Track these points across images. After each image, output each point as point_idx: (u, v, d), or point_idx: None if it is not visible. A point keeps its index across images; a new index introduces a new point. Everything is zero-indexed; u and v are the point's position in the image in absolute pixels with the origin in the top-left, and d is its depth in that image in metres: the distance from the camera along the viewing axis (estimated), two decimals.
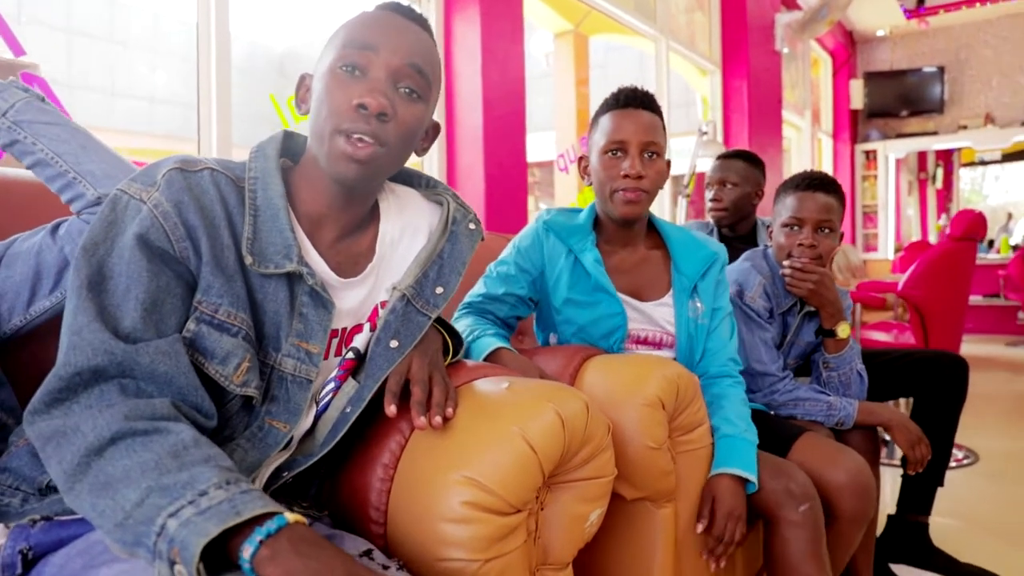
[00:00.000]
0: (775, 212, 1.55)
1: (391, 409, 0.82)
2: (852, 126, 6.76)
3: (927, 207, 8.62)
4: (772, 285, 1.51)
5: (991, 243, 7.87)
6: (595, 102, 4.59)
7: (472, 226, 0.96)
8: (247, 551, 0.56)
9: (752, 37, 4.54)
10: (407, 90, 0.82)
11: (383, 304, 0.90)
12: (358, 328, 0.89)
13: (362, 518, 0.85)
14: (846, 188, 6.64)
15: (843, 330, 1.49)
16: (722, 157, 2.17)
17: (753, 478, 1.19)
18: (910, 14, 6.15)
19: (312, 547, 0.57)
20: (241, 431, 0.80)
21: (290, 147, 0.90)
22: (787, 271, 1.47)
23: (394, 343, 0.87)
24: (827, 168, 6.55)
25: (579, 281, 1.30)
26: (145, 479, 0.61)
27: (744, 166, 2.11)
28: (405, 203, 0.95)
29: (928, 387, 1.76)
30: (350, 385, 0.88)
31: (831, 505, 1.26)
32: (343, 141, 0.78)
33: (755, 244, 2.13)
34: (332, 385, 0.87)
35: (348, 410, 0.85)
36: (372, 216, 0.91)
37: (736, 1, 4.50)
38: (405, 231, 0.93)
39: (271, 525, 0.58)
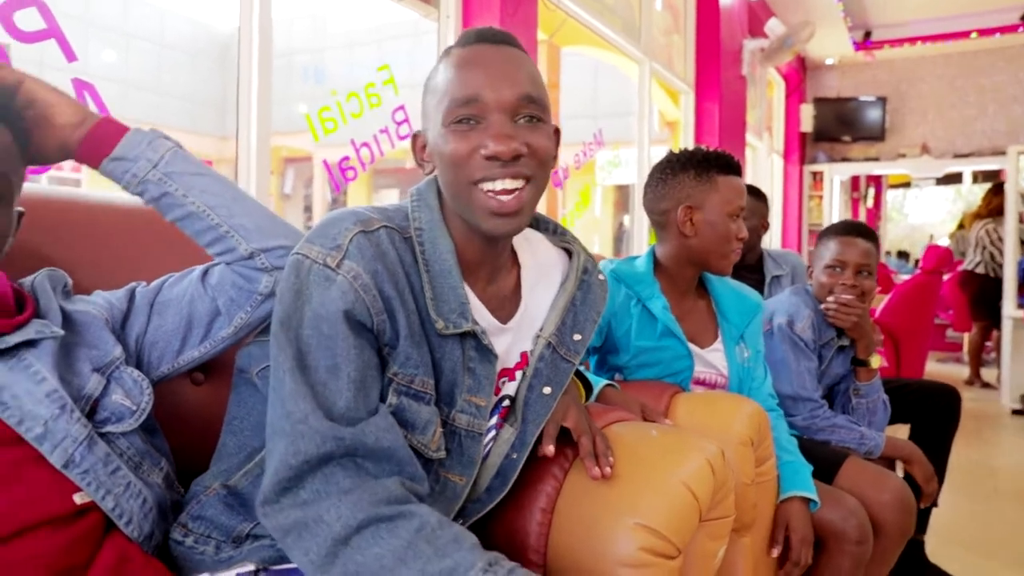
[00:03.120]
0: (817, 255, 1.67)
1: (550, 448, 0.86)
2: (801, 148, 7.10)
3: None
4: (816, 319, 1.63)
5: (916, 263, 8.42)
6: (563, 107, 4.69)
7: (601, 277, 0.98)
8: None
9: (724, 61, 4.73)
10: (527, 119, 0.78)
11: (524, 354, 0.92)
12: (503, 373, 0.91)
13: (519, 560, 0.88)
14: (794, 208, 6.98)
15: (875, 360, 1.63)
16: None
17: (817, 498, 1.31)
18: (858, 46, 6.51)
19: None
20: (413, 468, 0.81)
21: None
22: (832, 305, 1.59)
23: (547, 389, 0.90)
24: (777, 187, 6.86)
25: (647, 327, 1.37)
26: (406, 568, 0.63)
27: (753, 201, 2.22)
28: (536, 246, 0.96)
29: (925, 415, 1.93)
30: (508, 431, 0.90)
31: (877, 523, 1.38)
32: (485, 194, 0.76)
33: (761, 273, 2.25)
34: (492, 432, 0.90)
35: (515, 456, 0.88)
36: (511, 257, 0.92)
37: (711, 26, 4.67)
38: (540, 277, 0.95)
39: None
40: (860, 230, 1.61)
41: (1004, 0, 5.72)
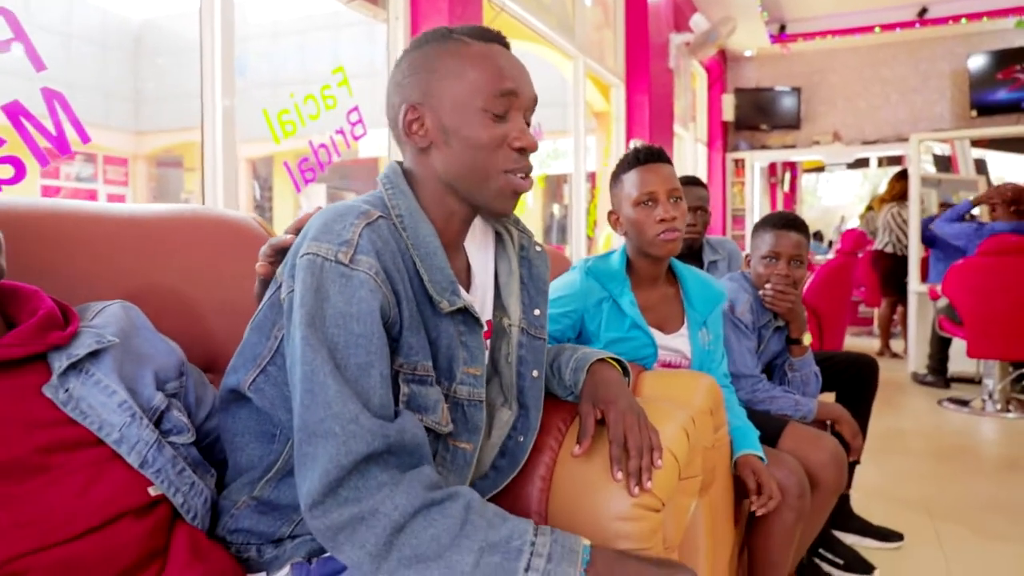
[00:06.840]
0: (753, 245, 1.85)
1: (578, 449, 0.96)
2: (723, 136, 7.45)
3: (776, 208, 9.66)
4: (754, 303, 1.80)
5: (830, 243, 8.97)
6: None
7: (539, 248, 1.03)
8: None
9: (652, 54, 4.94)
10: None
11: (489, 323, 0.98)
12: None
13: None
14: (717, 194, 7.33)
15: (807, 339, 1.82)
16: (686, 184, 2.41)
17: (764, 456, 1.48)
18: (774, 39, 6.87)
19: (618, 561, 0.73)
20: (431, 459, 0.88)
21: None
22: (769, 292, 1.77)
23: (535, 373, 1.00)
24: (702, 174, 7.19)
25: (615, 320, 1.51)
26: (467, 540, 0.69)
27: (706, 193, 2.37)
28: None
29: (848, 383, 2.16)
30: (505, 413, 0.99)
31: (816, 479, 1.57)
32: (516, 179, 0.87)
33: (700, 260, 2.41)
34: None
35: (522, 439, 0.98)
36: None
37: (639, 21, 4.87)
38: (479, 246, 1.00)
39: (585, 555, 0.71)
40: (793, 223, 1.79)
41: None
